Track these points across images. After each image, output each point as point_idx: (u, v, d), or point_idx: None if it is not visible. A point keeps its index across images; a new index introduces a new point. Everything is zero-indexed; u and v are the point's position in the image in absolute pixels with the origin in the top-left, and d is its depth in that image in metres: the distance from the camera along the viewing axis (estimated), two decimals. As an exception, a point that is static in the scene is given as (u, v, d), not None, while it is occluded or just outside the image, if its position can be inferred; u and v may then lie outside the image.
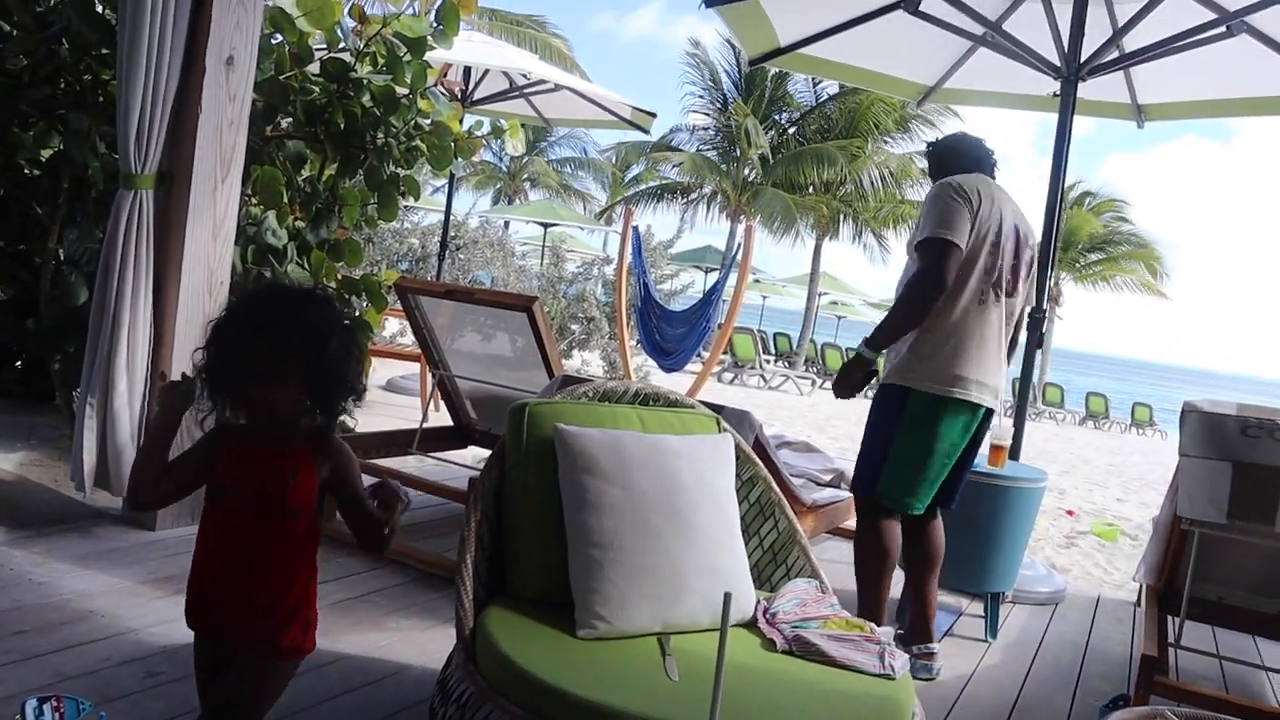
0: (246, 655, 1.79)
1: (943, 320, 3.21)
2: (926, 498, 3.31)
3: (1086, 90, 5.01)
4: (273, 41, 4.44)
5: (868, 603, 3.35)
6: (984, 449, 4.07)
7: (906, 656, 2.20)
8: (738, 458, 2.57)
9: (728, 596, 1.17)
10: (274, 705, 1.85)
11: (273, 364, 1.67)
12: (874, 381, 3.42)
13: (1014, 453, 4.55)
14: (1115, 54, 4.89)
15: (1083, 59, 4.70)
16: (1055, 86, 4.86)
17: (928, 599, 3.44)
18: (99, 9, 4.18)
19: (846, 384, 3.39)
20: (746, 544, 2.48)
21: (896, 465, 3.27)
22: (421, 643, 3.11)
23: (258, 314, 1.72)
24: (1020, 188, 3.31)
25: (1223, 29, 4.55)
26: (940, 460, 3.27)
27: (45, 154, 4.71)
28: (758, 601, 2.38)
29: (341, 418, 1.95)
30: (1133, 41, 4.88)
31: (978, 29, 4.99)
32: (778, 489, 2.69)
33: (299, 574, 1.81)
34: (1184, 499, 3.32)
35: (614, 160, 36.21)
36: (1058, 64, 4.78)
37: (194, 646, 1.87)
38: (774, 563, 2.64)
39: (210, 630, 1.82)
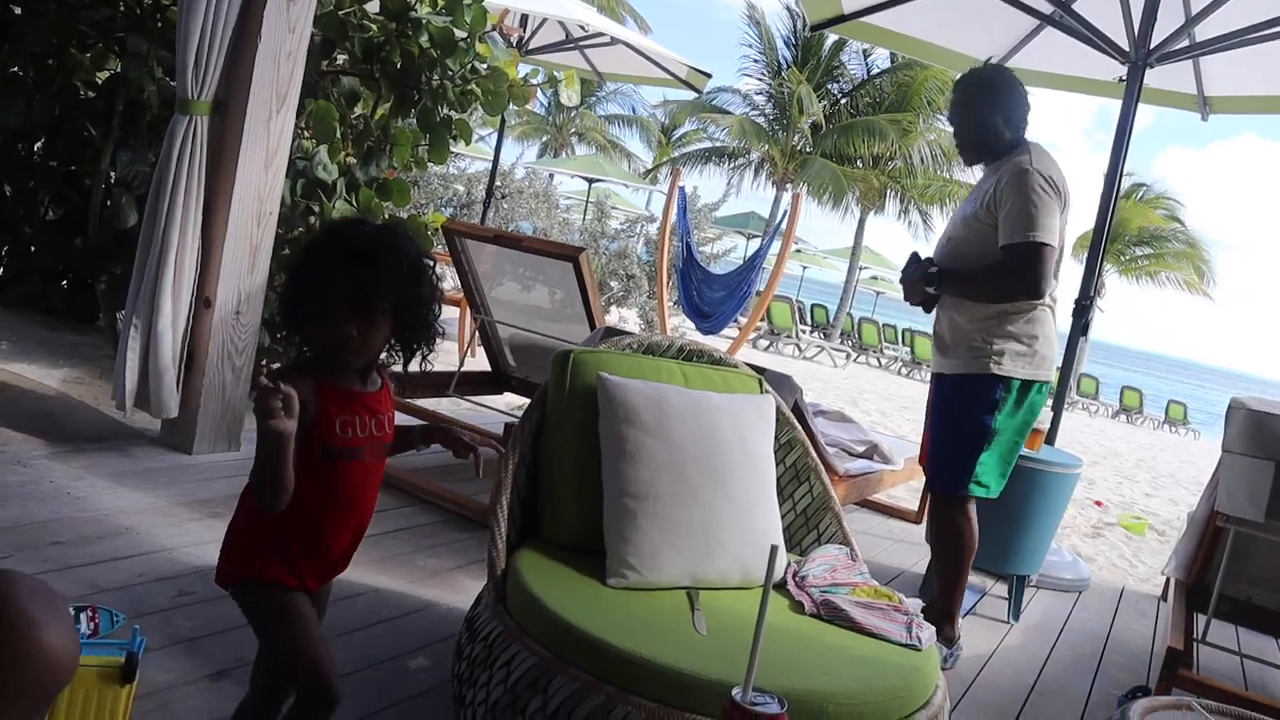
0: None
1: (1039, 311, 3.11)
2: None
3: (1152, 78, 4.90)
4: (334, -25, 4.43)
5: (950, 596, 3.28)
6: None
7: (933, 629, 2.20)
8: (777, 420, 2.56)
9: (774, 550, 1.16)
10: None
11: (372, 296, 1.58)
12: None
13: (1050, 438, 4.51)
14: (1186, 42, 4.78)
15: (1152, 45, 4.59)
16: (1121, 71, 4.76)
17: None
18: (163, -69, 4.18)
19: (913, 296, 3.30)
20: (780, 506, 2.47)
21: (998, 454, 3.16)
22: (448, 581, 3.14)
23: (355, 245, 1.60)
24: (1070, 176, 3.14)
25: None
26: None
27: (101, 76, 4.74)
28: (788, 564, 2.38)
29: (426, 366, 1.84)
30: (1205, 31, 4.76)
31: (1047, 7, 4.89)
32: (814, 454, 2.68)
33: None
34: (1223, 495, 3.28)
35: (662, 120, 35.95)
36: (1126, 48, 4.67)
37: (295, 604, 1.65)
38: (806, 527, 2.64)
39: (321, 583, 1.74)
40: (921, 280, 3.22)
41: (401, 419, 1.89)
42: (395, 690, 2.39)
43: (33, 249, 4.98)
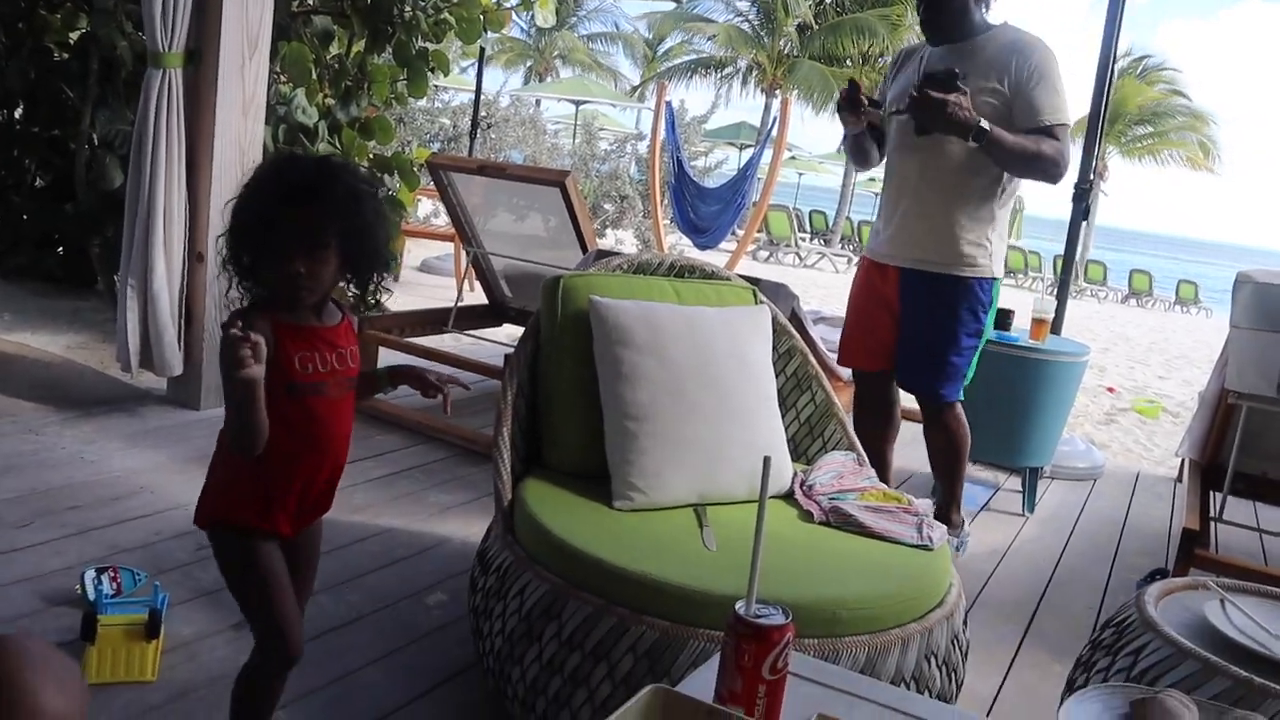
0: (309, 530, 1.73)
1: (1008, 203, 3.04)
2: None
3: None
4: (295, -89, 4.32)
5: (954, 488, 3.30)
6: (1025, 323, 4.03)
7: (944, 528, 2.20)
8: (774, 330, 2.54)
9: (767, 460, 1.15)
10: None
11: (315, 230, 1.55)
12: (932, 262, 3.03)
13: (1055, 327, 4.49)
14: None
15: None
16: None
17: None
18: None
19: (940, 124, 2.80)
20: (783, 417, 2.47)
21: (980, 354, 3.12)
22: (461, 516, 3.17)
23: (287, 181, 1.58)
24: (1067, 48, 2.97)
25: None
26: None
27: (73, 37, 4.66)
28: (795, 474, 2.38)
29: (374, 298, 1.82)
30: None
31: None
32: (815, 362, 2.67)
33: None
34: (1233, 371, 3.27)
35: (646, 33, 35.31)
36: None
37: (265, 554, 1.65)
38: (810, 436, 2.64)
39: (297, 526, 1.70)
40: (960, 112, 2.75)
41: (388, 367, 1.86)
42: (414, 627, 2.42)
43: (24, 217, 4.96)
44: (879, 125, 3.16)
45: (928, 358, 3.07)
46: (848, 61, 27.28)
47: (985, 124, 2.77)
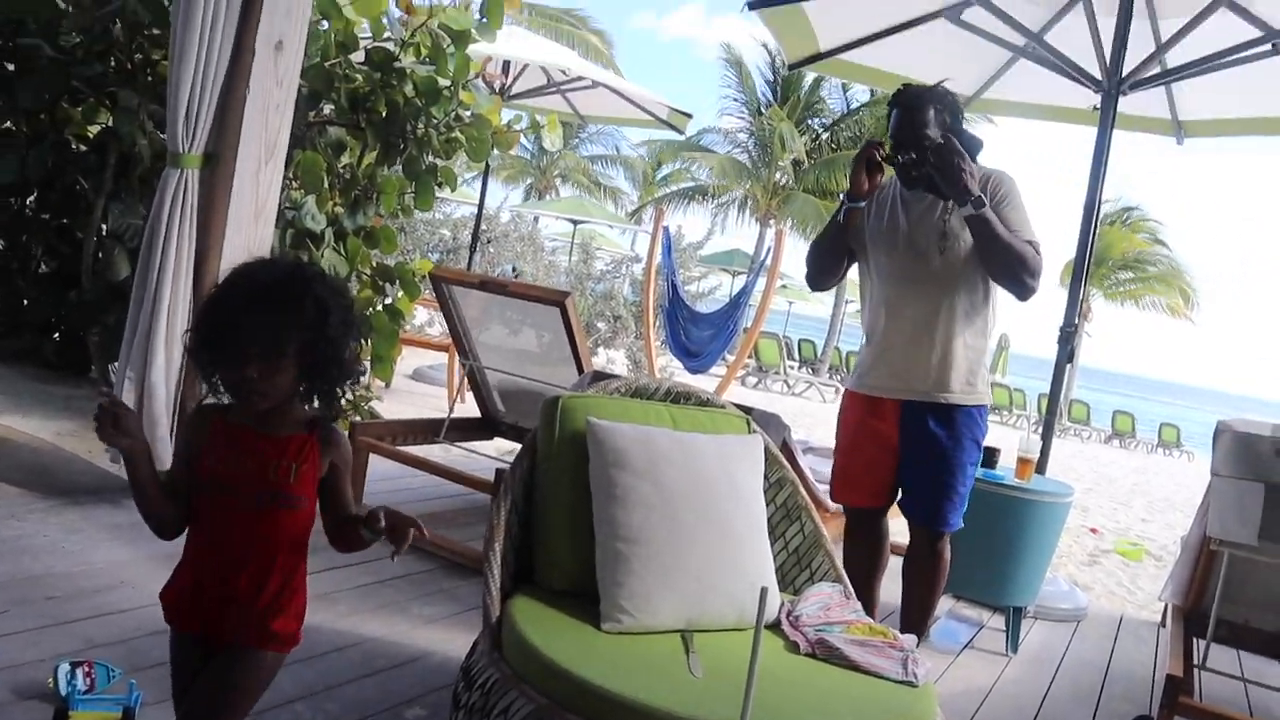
0: (234, 647, 1.66)
1: (992, 332, 3.14)
2: None
3: (1126, 105, 4.97)
4: (320, 28, 4.49)
5: (928, 617, 3.29)
6: (1011, 460, 4.07)
7: (930, 664, 2.20)
8: (766, 459, 2.58)
9: (764, 591, 1.18)
10: (258, 703, 1.72)
11: (272, 338, 1.55)
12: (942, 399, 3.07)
13: (1040, 467, 4.53)
14: (1157, 69, 4.86)
15: (1124, 73, 4.66)
16: (1096, 100, 4.83)
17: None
18: (154, -10, 4.24)
19: (956, 185, 2.92)
20: (772, 546, 2.48)
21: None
22: (444, 630, 3.13)
23: (255, 285, 1.59)
24: (1051, 196, 3.12)
25: (1267, 47, 4.51)
26: None
27: (93, 130, 4.78)
28: (782, 604, 2.38)
29: (368, 405, 1.83)
30: (1176, 57, 4.84)
31: (1019, 39, 4.97)
32: (804, 492, 2.70)
33: (297, 564, 1.70)
34: (1214, 519, 3.30)
35: (645, 159, 36.18)
36: (1099, 77, 4.74)
37: (171, 645, 1.71)
38: (798, 566, 2.65)
39: (199, 624, 1.67)
40: (968, 177, 2.88)
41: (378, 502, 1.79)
42: (393, 740, 2.38)
43: (25, 303, 5.01)
44: (859, 235, 3.21)
45: (937, 488, 3.08)
46: (840, 195, 27.92)
47: (970, 208, 2.89)
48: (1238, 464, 3.23)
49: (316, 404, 1.68)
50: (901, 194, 3.16)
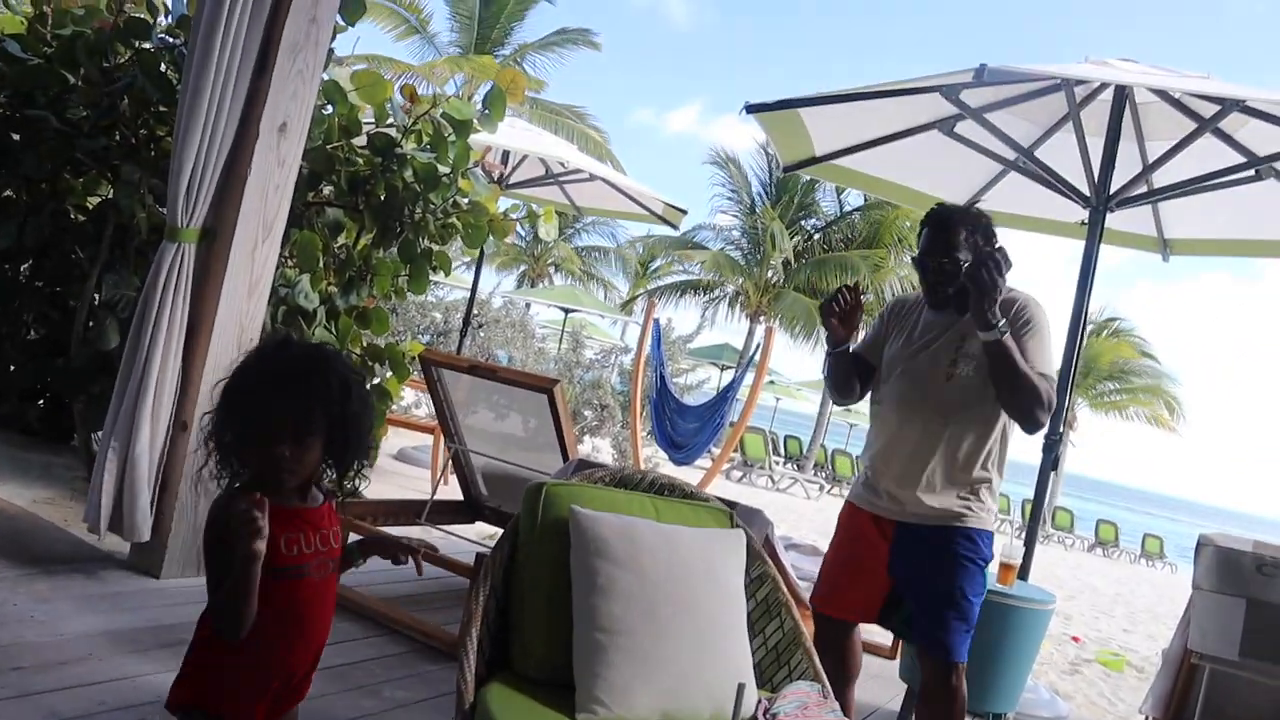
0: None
1: (1001, 463, 3.04)
2: None
3: (1114, 221, 5.09)
4: (324, 112, 4.58)
5: None
6: (993, 567, 4.06)
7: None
8: (748, 554, 2.57)
9: (741, 688, 1.18)
10: None
11: (304, 416, 1.59)
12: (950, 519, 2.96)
13: (1023, 573, 4.52)
14: (1144, 188, 4.99)
15: (1112, 190, 4.78)
16: (1083, 215, 4.95)
17: None
18: (163, 69, 4.33)
19: (989, 303, 2.80)
20: (751, 642, 2.46)
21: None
22: (416, 715, 3.08)
23: (284, 368, 1.63)
24: (1053, 310, 3.06)
25: (1251, 173, 4.65)
26: None
27: (92, 202, 4.84)
28: (759, 701, 2.36)
29: (360, 482, 1.89)
30: (1162, 178, 4.98)
31: (1010, 154, 5.10)
32: (785, 589, 2.69)
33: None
34: (1195, 633, 3.29)
35: (639, 252, 36.59)
36: (1087, 193, 4.86)
37: None
38: (777, 663, 2.62)
39: (272, 715, 1.71)
40: (996, 305, 2.81)
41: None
42: (357, 829, 2.32)
43: (12, 368, 5.00)
44: (861, 353, 3.21)
45: (946, 615, 2.92)
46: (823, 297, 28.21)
47: (994, 329, 2.79)
48: (1219, 579, 3.24)
49: (329, 479, 1.75)
50: (925, 317, 3.13)
